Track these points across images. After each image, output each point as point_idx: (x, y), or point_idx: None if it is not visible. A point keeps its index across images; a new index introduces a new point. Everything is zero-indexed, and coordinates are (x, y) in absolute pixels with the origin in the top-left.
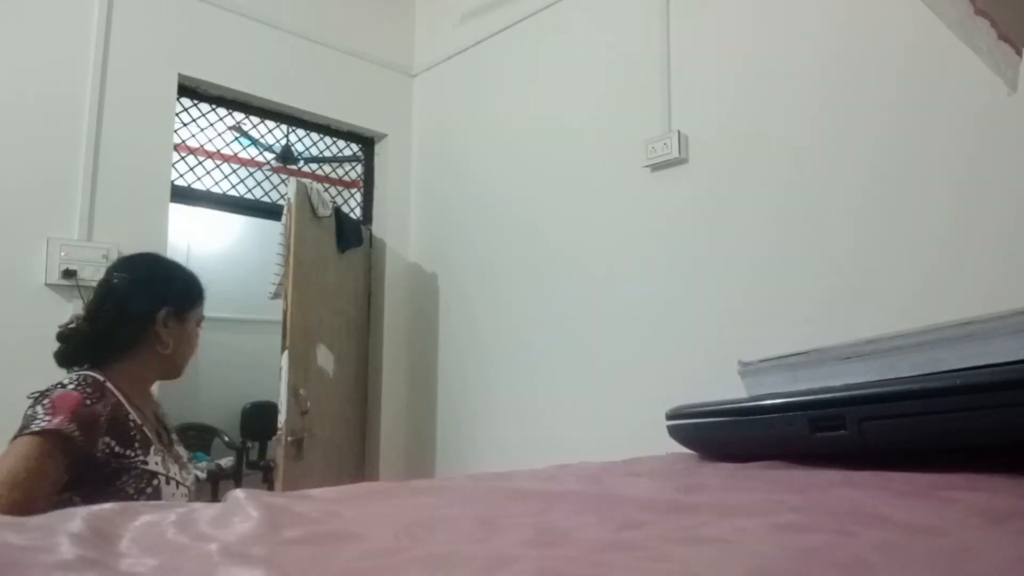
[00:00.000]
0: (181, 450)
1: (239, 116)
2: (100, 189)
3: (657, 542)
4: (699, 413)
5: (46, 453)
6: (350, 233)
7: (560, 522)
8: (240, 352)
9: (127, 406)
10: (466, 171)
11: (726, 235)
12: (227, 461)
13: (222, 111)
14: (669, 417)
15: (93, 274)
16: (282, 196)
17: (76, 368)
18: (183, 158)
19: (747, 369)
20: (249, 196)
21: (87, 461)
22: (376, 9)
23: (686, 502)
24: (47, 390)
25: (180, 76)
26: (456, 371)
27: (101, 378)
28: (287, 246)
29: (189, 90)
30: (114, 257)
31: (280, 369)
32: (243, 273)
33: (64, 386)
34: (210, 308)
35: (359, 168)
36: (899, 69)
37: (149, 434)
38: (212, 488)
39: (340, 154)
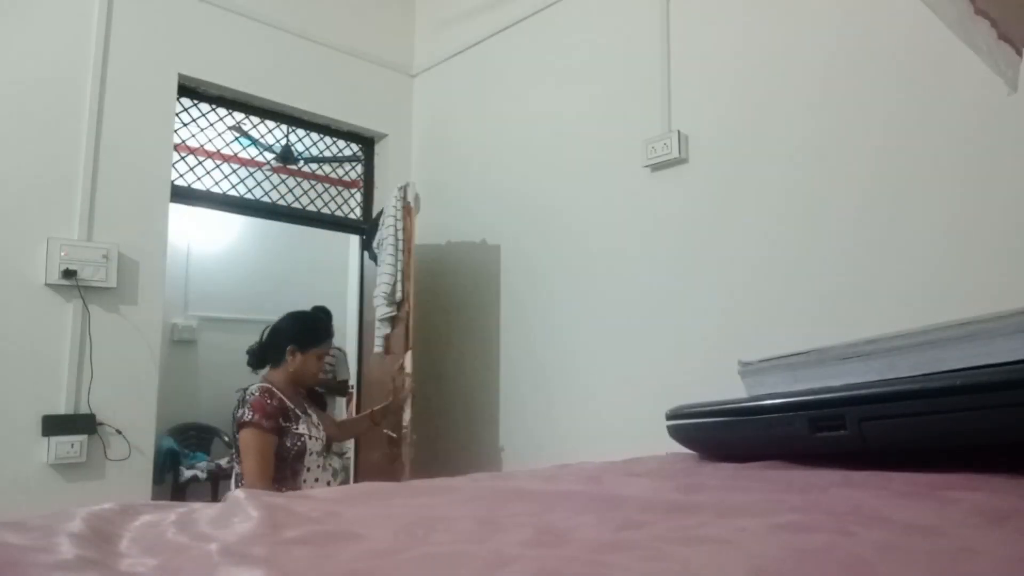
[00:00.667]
0: (314, 417)
1: (239, 116)
2: (100, 189)
3: (657, 542)
4: (699, 413)
5: (255, 435)
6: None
7: (560, 522)
8: (240, 352)
9: (285, 399)
10: (466, 171)
11: (726, 235)
12: (227, 461)
13: (222, 111)
14: (669, 417)
15: (93, 274)
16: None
17: (259, 371)
18: (183, 158)
19: (747, 369)
20: (249, 196)
21: (272, 430)
22: (376, 9)
23: (686, 502)
24: (245, 397)
25: (180, 76)
26: (452, 371)
27: (269, 385)
28: (406, 250)
29: (189, 90)
30: (114, 257)
31: (404, 368)
32: (243, 273)
33: (252, 394)
34: (210, 308)
35: (359, 168)
36: (898, 69)
37: (299, 413)
38: (212, 488)
39: (340, 154)
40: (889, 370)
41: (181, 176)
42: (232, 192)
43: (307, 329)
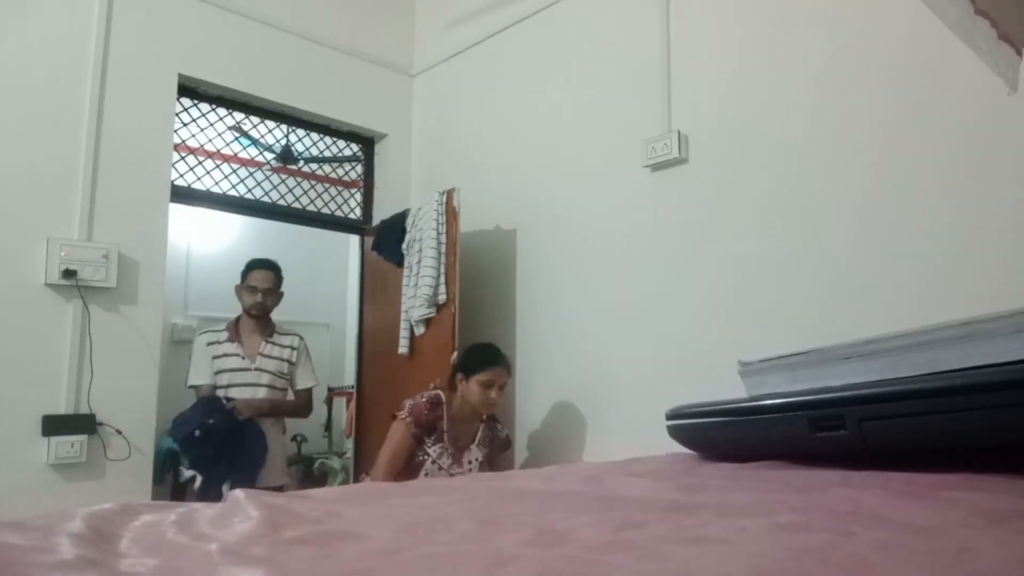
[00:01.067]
0: (472, 454)
1: (239, 116)
2: (100, 189)
3: (657, 542)
4: (699, 413)
5: (400, 431)
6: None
7: (560, 522)
8: None
9: (445, 418)
10: (466, 171)
11: (726, 235)
12: None
13: (222, 111)
14: (669, 417)
15: (93, 274)
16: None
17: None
18: (183, 158)
19: (747, 369)
20: (249, 196)
21: (416, 437)
22: (376, 9)
23: (686, 502)
24: (416, 397)
25: (180, 76)
26: None
27: (443, 398)
28: (450, 253)
29: (189, 90)
30: (114, 257)
31: (451, 368)
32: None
33: (420, 398)
34: (209, 308)
35: (359, 168)
36: (898, 68)
37: (445, 436)
38: None
39: (340, 154)
40: (889, 370)
41: (181, 176)
42: (232, 192)
43: (467, 356)
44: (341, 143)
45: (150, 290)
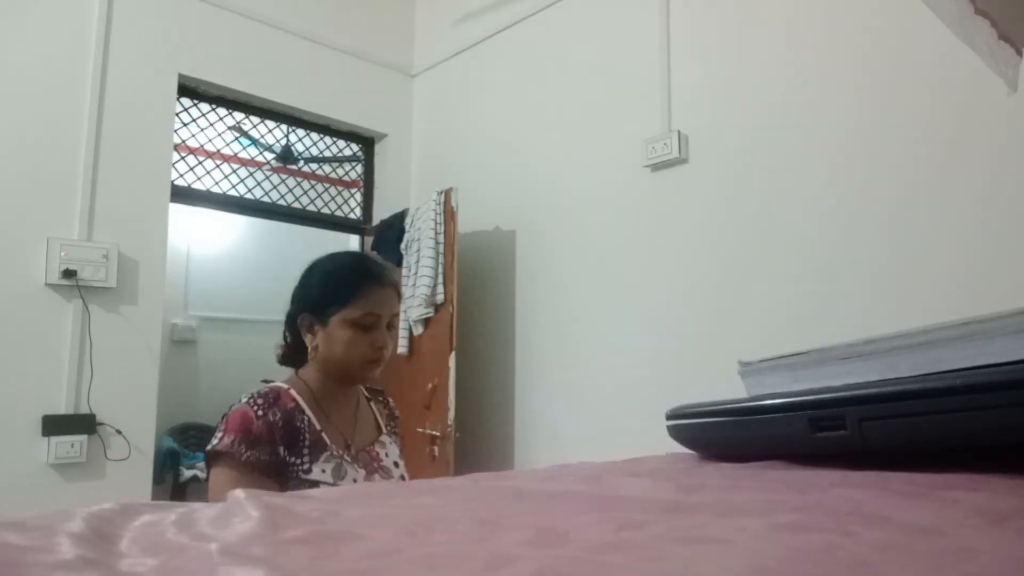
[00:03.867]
0: (387, 450)
1: (239, 116)
2: (100, 189)
3: (657, 542)
4: (699, 413)
5: (232, 477)
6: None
7: (560, 522)
8: (240, 352)
9: (306, 412)
10: (466, 171)
11: (726, 235)
12: None
13: (222, 111)
14: (669, 417)
15: (93, 274)
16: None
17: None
18: (183, 158)
19: (747, 369)
20: (249, 196)
21: (268, 468)
22: (376, 9)
23: (686, 502)
24: (231, 406)
25: (180, 76)
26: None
27: (284, 386)
28: (448, 253)
29: (189, 90)
30: (114, 257)
31: (449, 369)
32: (243, 273)
33: (241, 401)
34: (210, 308)
35: (359, 168)
36: (900, 68)
37: (327, 439)
38: None
39: (340, 154)
40: (889, 370)
41: (181, 176)
42: (232, 192)
43: (319, 283)
44: (341, 143)
45: (150, 290)
